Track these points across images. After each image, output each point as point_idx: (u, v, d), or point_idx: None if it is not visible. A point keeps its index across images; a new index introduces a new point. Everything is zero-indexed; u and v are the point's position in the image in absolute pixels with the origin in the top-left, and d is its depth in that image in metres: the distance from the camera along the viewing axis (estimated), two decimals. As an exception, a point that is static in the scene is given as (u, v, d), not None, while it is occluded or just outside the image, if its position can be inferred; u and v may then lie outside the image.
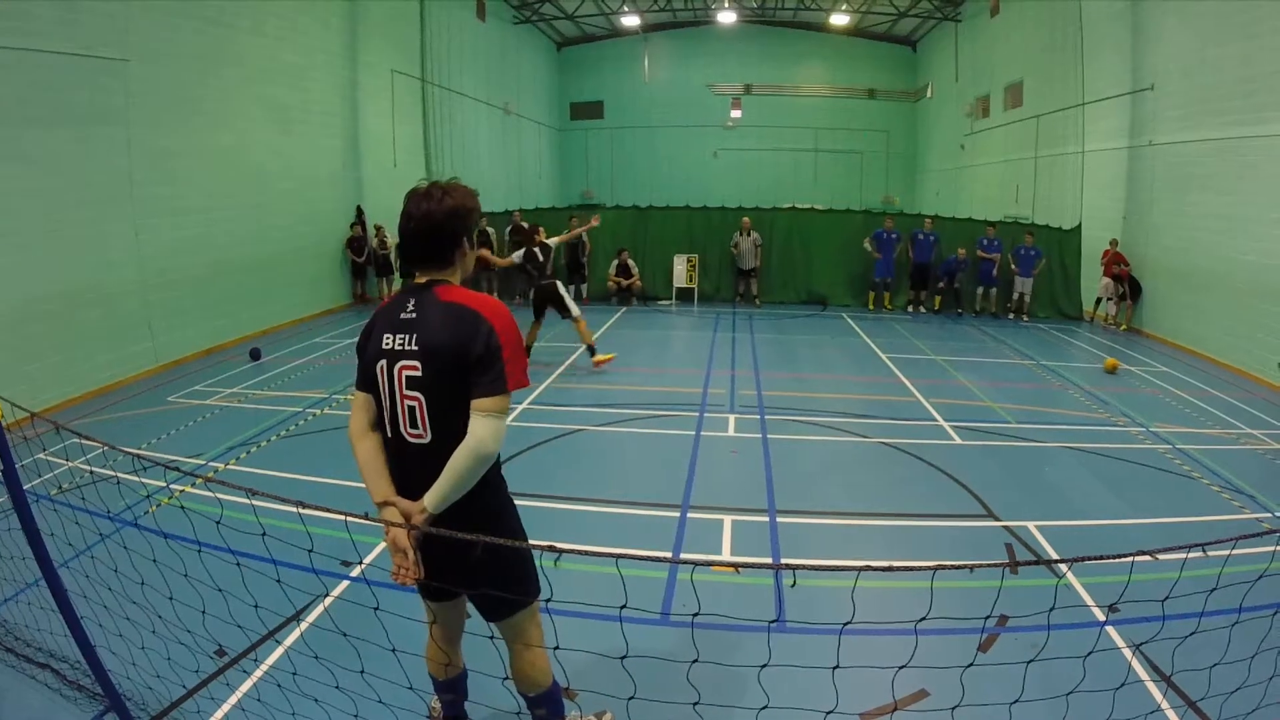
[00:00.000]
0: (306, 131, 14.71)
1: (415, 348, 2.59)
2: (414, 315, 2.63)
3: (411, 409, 2.61)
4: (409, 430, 2.63)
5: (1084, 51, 17.26)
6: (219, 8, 11.92)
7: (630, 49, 31.52)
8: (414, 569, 2.54)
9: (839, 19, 28.45)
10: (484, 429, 2.52)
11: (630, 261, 17.73)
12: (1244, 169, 12.22)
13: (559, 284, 11.05)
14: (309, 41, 14.64)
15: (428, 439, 2.62)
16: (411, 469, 2.65)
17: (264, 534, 2.81)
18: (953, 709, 2.45)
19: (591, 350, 11.02)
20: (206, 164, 11.85)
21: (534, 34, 29.71)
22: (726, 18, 29.45)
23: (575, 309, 10.99)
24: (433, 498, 2.55)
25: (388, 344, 2.64)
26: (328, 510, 2.31)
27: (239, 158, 12.66)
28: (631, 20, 28.72)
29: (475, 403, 2.54)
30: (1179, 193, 14.26)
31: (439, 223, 2.65)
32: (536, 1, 27.25)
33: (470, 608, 3.01)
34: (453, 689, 3.15)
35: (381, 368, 2.65)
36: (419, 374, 2.58)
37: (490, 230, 17.20)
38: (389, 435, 2.69)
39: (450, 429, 2.57)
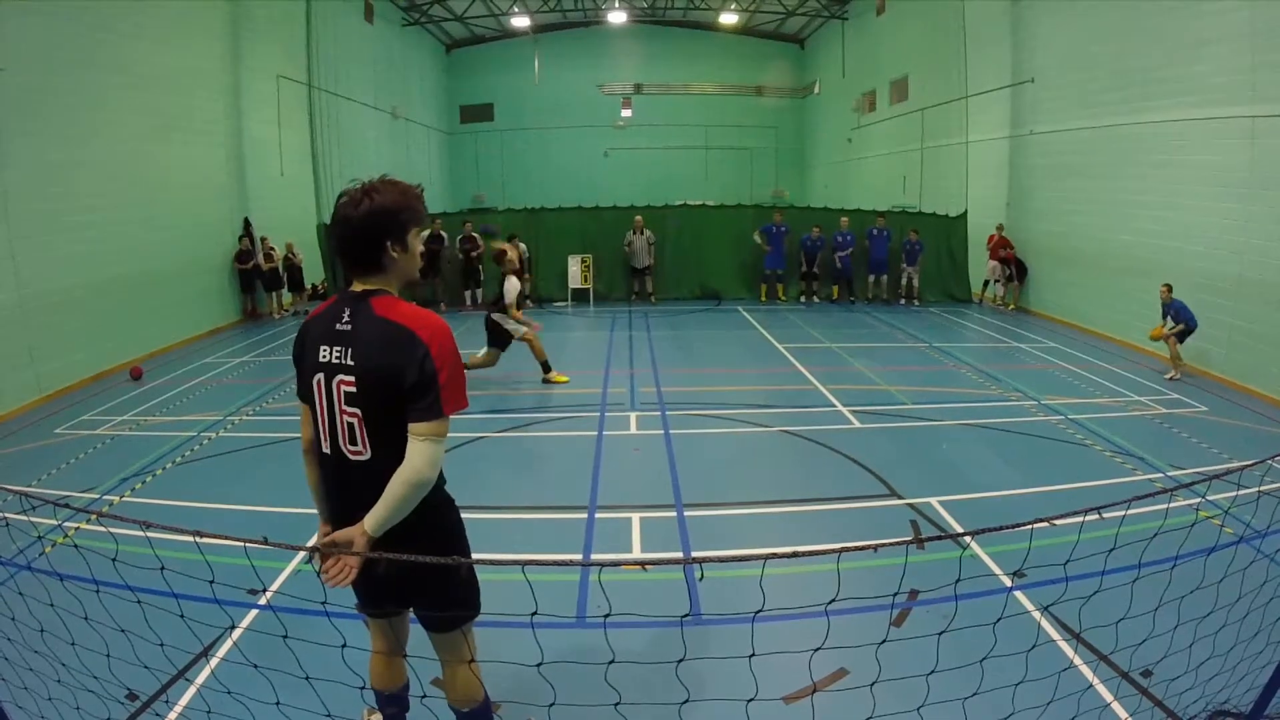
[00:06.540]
0: (189, 140, 14.11)
1: (351, 363, 2.51)
2: (349, 327, 2.55)
3: (351, 425, 2.54)
4: (349, 446, 2.57)
5: (967, 47, 18.03)
6: (98, 11, 11.33)
7: (520, 51, 31.32)
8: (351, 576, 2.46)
9: (728, 18, 28.94)
10: (419, 456, 2.45)
11: (521, 245, 15.78)
12: (1117, 156, 13.08)
13: None
14: (191, 45, 14.05)
15: (367, 455, 2.55)
16: (353, 486, 2.59)
17: (162, 568, 2.73)
18: (871, 685, 2.55)
19: None
20: (86, 176, 11.22)
21: (423, 36, 29.26)
22: (617, 18, 29.61)
23: None
24: (372, 521, 2.46)
25: (324, 356, 2.56)
26: (225, 538, 2.26)
27: (119, 169, 12.04)
28: (521, 21, 28.53)
29: (412, 427, 2.47)
30: (1058, 179, 15.14)
31: (357, 227, 2.55)
32: (425, 3, 26.83)
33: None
34: (397, 702, 3.15)
35: (319, 382, 2.57)
36: (355, 391, 2.51)
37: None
38: (328, 451, 2.62)
39: (389, 446, 2.51)
